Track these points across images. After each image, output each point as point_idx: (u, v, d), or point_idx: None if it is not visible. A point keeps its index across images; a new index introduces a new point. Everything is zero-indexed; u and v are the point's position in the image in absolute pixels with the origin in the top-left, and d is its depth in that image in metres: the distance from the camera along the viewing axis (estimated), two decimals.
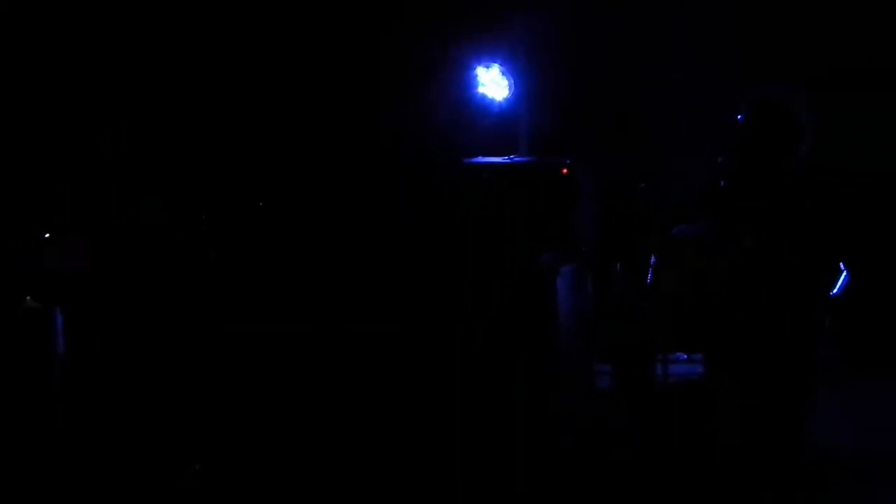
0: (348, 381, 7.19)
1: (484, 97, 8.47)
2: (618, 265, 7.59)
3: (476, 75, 8.43)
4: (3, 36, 7.42)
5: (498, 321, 7.17)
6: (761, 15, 7.93)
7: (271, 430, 6.93)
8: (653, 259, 5.05)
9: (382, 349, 7.28)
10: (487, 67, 8.43)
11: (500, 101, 8.47)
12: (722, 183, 4.78)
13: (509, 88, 8.44)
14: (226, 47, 7.91)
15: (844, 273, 4.61)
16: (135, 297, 5.93)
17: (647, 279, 5.21)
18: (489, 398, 7.01)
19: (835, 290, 4.62)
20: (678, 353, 5.75)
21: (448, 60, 8.37)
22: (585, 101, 8.53)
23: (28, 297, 6.46)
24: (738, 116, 4.71)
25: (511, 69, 8.44)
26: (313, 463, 6.65)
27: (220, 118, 7.82)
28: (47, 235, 6.06)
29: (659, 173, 8.01)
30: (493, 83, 8.44)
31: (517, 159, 7.77)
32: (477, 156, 7.72)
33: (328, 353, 7.29)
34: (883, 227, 6.82)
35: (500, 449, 6.71)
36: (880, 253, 6.86)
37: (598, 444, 6.86)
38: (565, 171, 7.43)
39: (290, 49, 8.04)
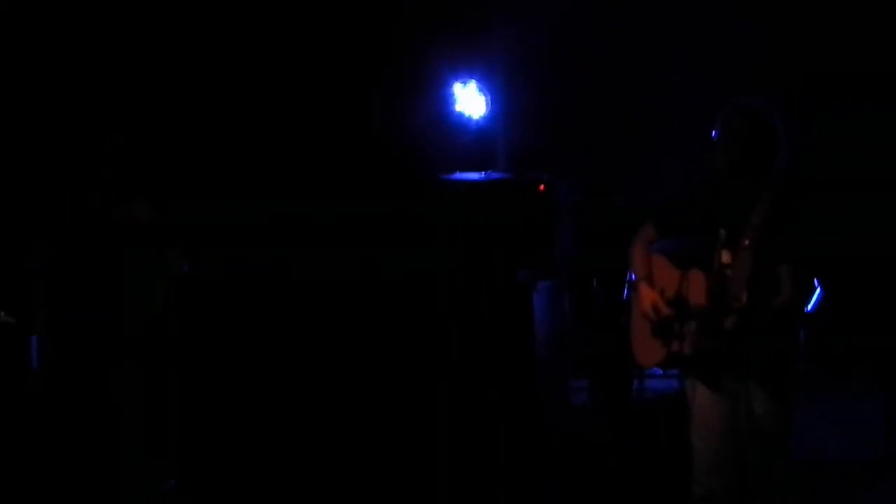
0: (331, 390, 7.19)
1: (461, 113, 8.46)
2: (595, 281, 7.60)
3: (453, 92, 8.43)
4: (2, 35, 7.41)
5: (475, 336, 7.17)
6: (752, 27, 7.95)
7: (255, 437, 6.93)
8: (630, 275, 5.07)
9: (360, 364, 7.28)
10: (464, 84, 8.43)
11: (477, 118, 8.46)
12: (699, 198, 4.81)
13: (486, 104, 8.43)
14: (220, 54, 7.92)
15: (818, 289, 4.63)
16: (128, 298, 5.91)
17: (624, 295, 5.22)
18: (467, 413, 7.01)
19: (809, 306, 4.64)
20: (654, 368, 5.75)
21: (424, 77, 8.37)
22: (563, 117, 8.53)
23: (2, 312, 6.43)
24: (713, 132, 4.73)
25: (488, 85, 8.44)
26: (298, 466, 6.66)
27: (215, 119, 7.82)
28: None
29: (638, 190, 8.02)
30: (470, 99, 8.43)
31: (494, 175, 7.77)
32: (454, 172, 7.72)
33: (310, 364, 7.28)
34: (862, 237, 6.85)
35: (478, 463, 6.72)
36: (860, 263, 6.90)
37: (575, 458, 6.86)
38: (542, 187, 7.44)
39: (265, 65, 8.03)
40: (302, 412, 7.14)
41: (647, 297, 4.87)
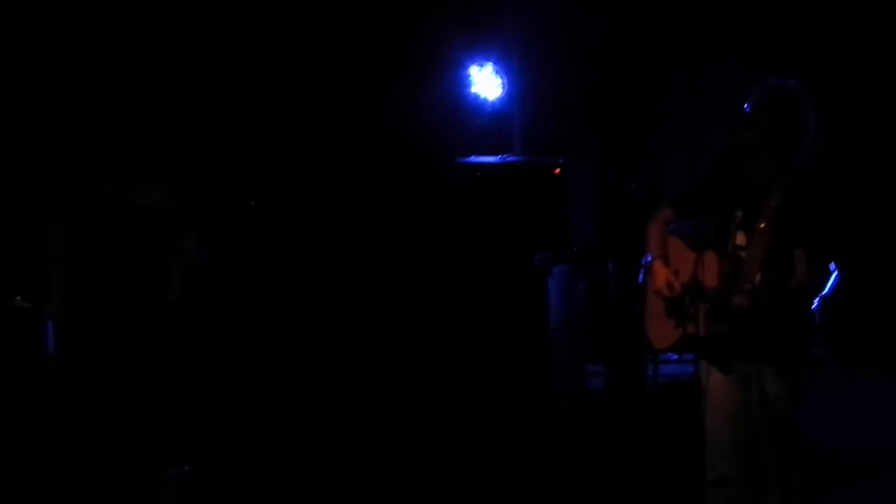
0: (341, 380, 7.18)
1: (477, 96, 8.45)
2: (610, 265, 7.57)
3: (469, 74, 8.41)
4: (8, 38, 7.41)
5: (490, 320, 7.15)
6: (765, 14, 7.93)
7: (268, 427, 6.92)
8: (648, 257, 5.03)
9: (375, 350, 7.27)
10: (481, 66, 8.42)
11: (493, 101, 8.45)
12: (717, 179, 4.77)
13: (503, 87, 8.42)
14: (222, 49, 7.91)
15: (835, 273, 4.59)
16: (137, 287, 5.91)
17: (638, 279, 5.19)
18: (481, 398, 7.00)
19: (825, 291, 4.60)
20: (669, 354, 5.73)
21: (441, 59, 8.35)
22: (579, 101, 8.52)
23: (18, 297, 6.43)
24: (745, 105, 4.68)
25: (504, 68, 8.42)
26: (312, 452, 6.65)
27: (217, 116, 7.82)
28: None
29: (654, 172, 8.00)
30: (486, 82, 8.42)
31: (510, 159, 7.75)
32: (470, 155, 7.70)
33: (325, 350, 7.28)
34: (874, 224, 6.82)
35: (493, 448, 6.71)
36: (871, 249, 6.87)
37: (591, 443, 6.85)
38: (558, 170, 7.42)
39: (282, 48, 8.02)
40: (317, 397, 7.14)
41: (661, 274, 4.84)
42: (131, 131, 6.00)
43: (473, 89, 8.43)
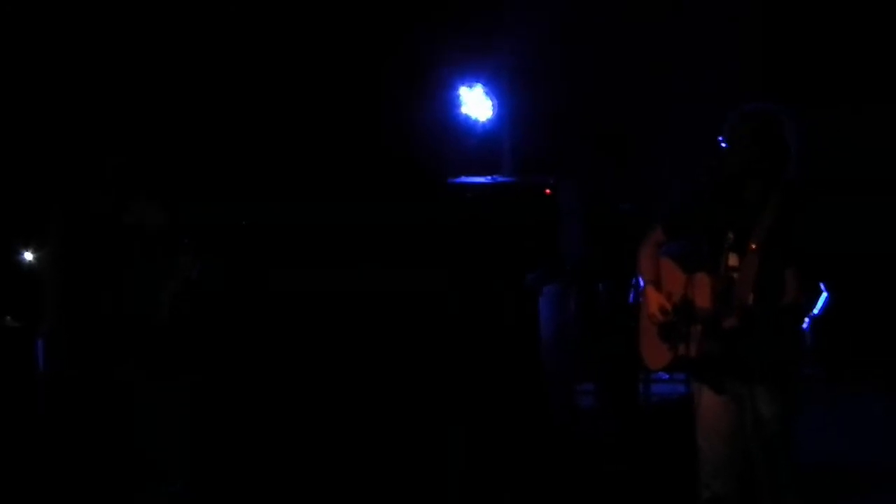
0: (338, 394, 7.19)
1: (467, 117, 8.50)
2: (601, 284, 7.60)
3: (459, 95, 8.46)
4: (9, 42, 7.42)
5: (481, 340, 7.17)
6: (751, 33, 7.98)
7: (263, 442, 6.92)
8: (640, 280, 5.05)
9: (365, 372, 7.28)
10: (471, 87, 8.46)
11: (483, 121, 8.50)
12: (708, 200, 4.80)
13: (493, 108, 8.47)
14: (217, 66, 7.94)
15: (824, 294, 4.62)
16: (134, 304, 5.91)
17: (629, 298, 5.22)
18: (474, 417, 7.01)
19: (815, 311, 4.63)
20: (660, 373, 5.74)
21: (431, 80, 8.40)
22: (570, 120, 8.56)
23: (8, 317, 6.43)
24: (720, 137, 4.72)
25: (494, 89, 8.47)
26: (306, 471, 6.66)
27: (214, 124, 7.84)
28: None
29: (645, 191, 8.04)
30: (476, 103, 8.46)
31: (501, 179, 7.78)
32: (460, 176, 7.73)
33: (317, 369, 7.29)
34: (866, 243, 6.86)
35: (486, 467, 6.72)
36: (863, 268, 6.91)
37: (583, 460, 6.86)
38: (549, 190, 7.44)
39: (272, 65, 8.05)
40: (309, 417, 7.14)
41: (654, 299, 4.86)
42: (127, 146, 6.01)
43: (463, 110, 8.47)
